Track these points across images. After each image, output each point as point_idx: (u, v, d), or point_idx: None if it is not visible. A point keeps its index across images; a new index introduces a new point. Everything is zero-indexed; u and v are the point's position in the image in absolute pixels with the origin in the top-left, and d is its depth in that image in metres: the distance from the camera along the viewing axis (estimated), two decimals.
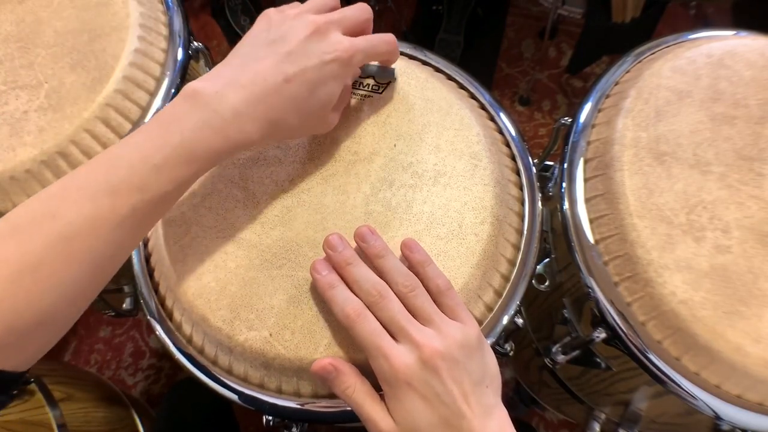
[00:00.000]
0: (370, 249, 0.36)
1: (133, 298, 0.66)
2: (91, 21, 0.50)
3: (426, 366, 0.32)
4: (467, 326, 0.34)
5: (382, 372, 0.33)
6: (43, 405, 0.61)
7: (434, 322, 0.33)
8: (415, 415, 0.32)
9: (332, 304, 0.34)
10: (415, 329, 0.33)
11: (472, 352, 0.33)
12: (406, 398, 0.32)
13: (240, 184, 0.42)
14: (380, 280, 0.34)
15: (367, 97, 0.46)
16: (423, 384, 0.32)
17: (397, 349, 0.32)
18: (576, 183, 0.44)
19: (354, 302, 0.34)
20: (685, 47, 0.47)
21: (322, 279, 0.35)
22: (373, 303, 0.33)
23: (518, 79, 1.14)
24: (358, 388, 0.34)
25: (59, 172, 0.46)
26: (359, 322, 0.33)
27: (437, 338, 0.32)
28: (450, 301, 0.35)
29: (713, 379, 0.38)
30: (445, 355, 0.32)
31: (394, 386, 0.32)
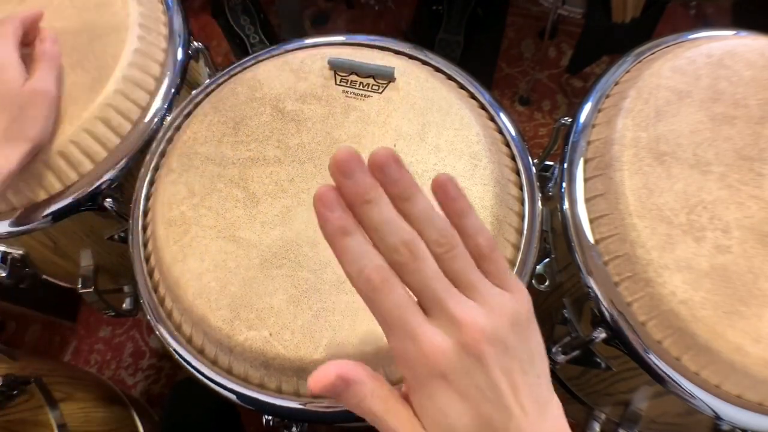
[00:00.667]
0: (393, 186, 0.25)
1: (133, 298, 0.66)
2: (91, 21, 0.50)
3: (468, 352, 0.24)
4: (517, 297, 0.26)
5: (408, 358, 0.24)
6: (43, 405, 0.61)
7: (479, 291, 0.25)
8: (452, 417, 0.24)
9: (345, 259, 0.24)
10: (456, 301, 0.24)
11: (524, 332, 0.25)
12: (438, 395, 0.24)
13: (240, 184, 0.42)
14: (413, 231, 0.24)
15: (367, 96, 0.46)
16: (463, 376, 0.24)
17: (430, 330, 0.24)
18: (576, 183, 0.44)
19: (377, 261, 0.24)
20: (685, 47, 0.47)
21: (332, 220, 0.24)
22: (401, 264, 0.24)
23: (518, 79, 1.14)
24: (377, 393, 0.25)
25: (60, 172, 0.46)
26: (384, 292, 0.24)
27: (483, 314, 0.24)
28: (495, 266, 0.26)
29: (713, 379, 0.38)
30: (493, 337, 0.24)
31: (424, 379, 0.24)
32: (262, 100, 0.46)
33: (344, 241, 0.24)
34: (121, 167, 0.48)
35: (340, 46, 0.51)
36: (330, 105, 0.45)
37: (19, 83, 0.42)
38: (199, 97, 0.50)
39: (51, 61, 0.45)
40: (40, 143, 0.43)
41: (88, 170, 0.47)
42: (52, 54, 0.45)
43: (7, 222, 0.47)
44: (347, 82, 0.46)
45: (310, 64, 0.48)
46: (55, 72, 0.45)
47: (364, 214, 0.24)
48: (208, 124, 0.46)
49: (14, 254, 0.55)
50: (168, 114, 0.50)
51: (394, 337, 0.25)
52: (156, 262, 0.41)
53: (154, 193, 0.44)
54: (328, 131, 0.44)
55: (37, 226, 0.47)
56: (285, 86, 0.47)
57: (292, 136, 0.44)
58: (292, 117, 0.45)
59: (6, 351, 0.66)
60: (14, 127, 0.41)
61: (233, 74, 0.50)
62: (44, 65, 0.44)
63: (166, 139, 0.48)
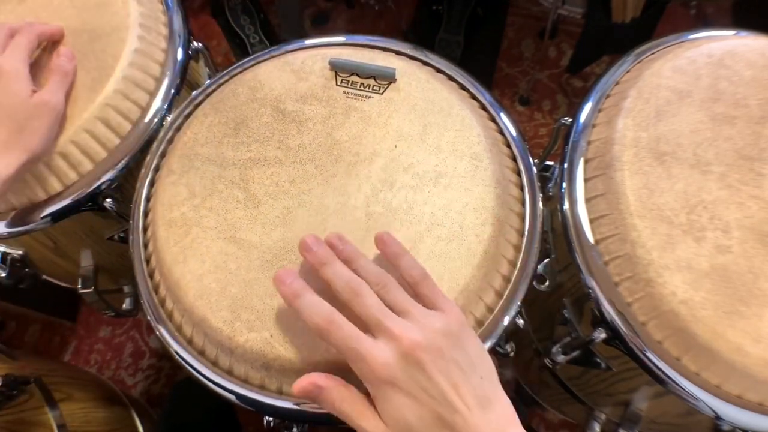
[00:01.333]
0: (341, 253, 0.35)
1: (133, 298, 0.66)
2: (90, 21, 0.50)
3: (407, 360, 0.30)
4: (448, 314, 0.33)
5: (363, 375, 0.31)
6: (43, 405, 0.61)
7: (411, 313, 0.32)
8: (405, 414, 0.30)
9: (302, 314, 0.32)
10: (392, 321, 0.31)
11: (456, 341, 0.31)
12: (392, 398, 0.30)
13: (241, 185, 0.42)
14: (356, 277, 0.33)
15: (368, 97, 0.46)
16: (407, 380, 0.30)
17: (375, 348, 0.30)
18: (576, 183, 0.44)
19: (322, 309, 0.32)
20: (685, 47, 0.47)
21: (286, 289, 0.33)
22: (348, 300, 0.32)
23: (518, 79, 1.14)
24: (345, 398, 0.32)
25: (60, 172, 0.46)
26: (332, 330, 0.31)
27: (416, 329, 0.31)
28: (427, 291, 0.34)
29: (713, 379, 0.38)
30: (426, 346, 0.30)
31: (378, 387, 0.31)
32: (263, 100, 0.46)
33: (297, 301, 0.33)
34: (121, 167, 0.48)
35: (341, 46, 0.51)
36: (331, 106, 0.45)
37: (26, 94, 0.43)
38: (200, 98, 0.49)
39: (64, 76, 0.46)
40: (40, 154, 0.44)
41: (88, 170, 0.47)
42: (67, 70, 0.46)
43: (7, 222, 0.47)
44: (348, 83, 0.46)
45: (311, 64, 0.48)
46: (65, 88, 0.46)
47: (323, 272, 0.34)
48: (209, 124, 0.45)
49: (14, 254, 0.55)
50: (168, 114, 0.50)
51: (350, 362, 0.31)
52: (157, 264, 0.41)
53: (155, 194, 0.44)
54: (329, 132, 0.44)
55: (36, 226, 0.47)
56: (286, 87, 0.47)
57: (292, 137, 0.44)
58: (293, 118, 0.45)
59: (6, 351, 0.66)
60: (16, 136, 0.42)
61: (233, 75, 0.50)
62: (57, 79, 0.45)
63: (167, 140, 0.48)
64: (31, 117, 0.42)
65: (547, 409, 0.80)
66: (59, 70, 0.46)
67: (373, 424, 0.31)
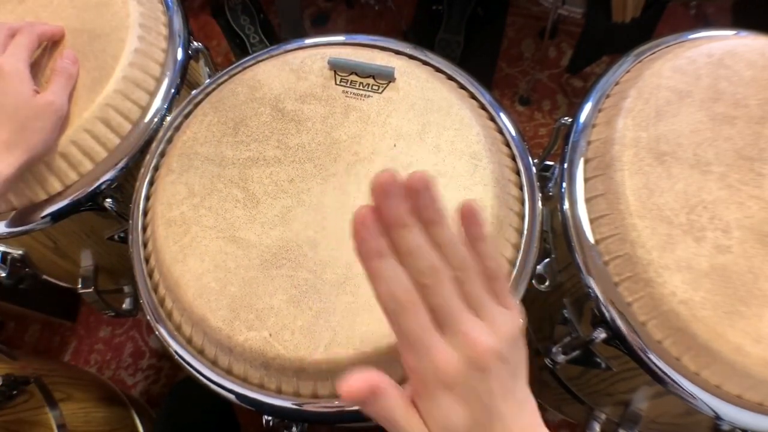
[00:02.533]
0: (425, 210, 0.27)
1: (133, 298, 0.66)
2: (90, 21, 0.50)
3: (475, 366, 0.27)
4: (515, 314, 0.29)
5: (420, 372, 0.27)
6: (43, 405, 0.61)
7: (487, 311, 0.28)
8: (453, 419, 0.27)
9: (376, 278, 0.27)
10: (469, 322, 0.27)
11: (518, 344, 0.29)
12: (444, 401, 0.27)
13: (240, 185, 0.42)
14: (438, 255, 0.27)
15: (367, 96, 0.46)
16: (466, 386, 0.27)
17: (443, 346, 0.27)
18: (576, 183, 0.44)
19: (406, 284, 0.27)
20: (685, 47, 0.47)
21: (370, 241, 0.26)
22: (426, 285, 0.27)
23: (518, 79, 1.14)
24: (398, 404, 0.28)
25: (60, 172, 0.46)
26: (410, 313, 0.26)
27: (490, 333, 0.27)
28: (500, 286, 0.30)
29: (713, 379, 0.38)
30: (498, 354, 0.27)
31: (433, 388, 0.27)
32: (262, 100, 0.46)
33: (378, 263, 0.26)
34: (121, 167, 0.48)
35: (340, 46, 0.51)
36: (330, 105, 0.45)
37: (29, 94, 0.43)
38: (199, 97, 0.49)
39: (69, 78, 0.46)
40: (41, 154, 0.44)
41: (88, 170, 0.47)
42: (71, 72, 0.46)
43: (7, 222, 0.47)
44: (347, 82, 0.46)
45: (310, 64, 0.48)
46: (69, 89, 0.46)
47: (400, 238, 0.27)
48: (208, 124, 0.45)
49: (14, 254, 0.55)
50: (168, 114, 0.50)
51: (411, 351, 0.27)
52: (156, 263, 0.41)
53: (154, 194, 0.44)
54: (328, 131, 0.44)
55: (36, 226, 0.47)
56: (285, 86, 0.47)
57: (292, 137, 0.44)
58: (292, 117, 0.45)
59: (6, 351, 0.66)
60: (18, 136, 0.42)
61: (233, 74, 0.50)
62: (61, 80, 0.45)
63: (166, 140, 0.48)
64: (34, 117, 0.42)
65: (547, 409, 0.80)
66: (64, 71, 0.46)
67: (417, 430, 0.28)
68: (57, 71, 0.46)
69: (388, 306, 0.27)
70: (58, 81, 0.45)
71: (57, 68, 0.46)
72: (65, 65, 0.46)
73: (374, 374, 0.27)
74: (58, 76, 0.45)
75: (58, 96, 0.44)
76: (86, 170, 0.47)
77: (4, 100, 0.42)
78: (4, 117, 0.42)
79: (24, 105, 0.42)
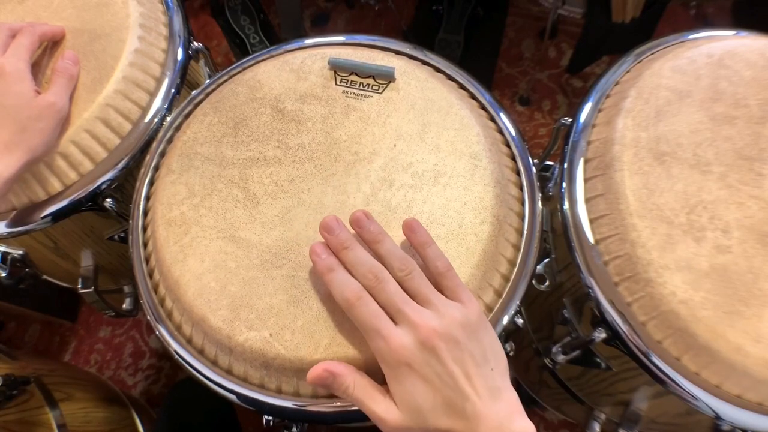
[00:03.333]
0: (365, 234, 0.36)
1: (133, 298, 0.66)
2: (91, 21, 0.50)
3: (424, 346, 0.31)
4: (467, 307, 0.34)
5: (381, 354, 0.32)
6: (43, 405, 0.61)
7: (432, 302, 0.33)
8: (417, 397, 0.31)
9: (331, 287, 0.34)
10: (412, 310, 0.32)
11: (473, 333, 0.33)
12: (406, 380, 0.32)
13: (240, 185, 0.42)
14: (377, 263, 0.34)
15: (367, 96, 0.46)
16: (423, 365, 0.31)
17: (395, 331, 0.32)
18: (576, 183, 0.44)
19: (353, 285, 0.33)
20: (685, 47, 0.47)
21: (321, 262, 0.35)
22: (370, 287, 0.33)
23: (518, 79, 1.14)
24: (357, 384, 0.33)
25: (60, 172, 0.46)
26: (358, 306, 0.33)
27: (435, 318, 0.32)
28: (450, 282, 0.35)
29: (713, 379, 0.38)
30: (443, 335, 0.32)
31: (394, 368, 0.32)
32: (262, 100, 0.46)
33: (330, 274, 0.34)
34: (121, 167, 0.48)
35: (340, 46, 0.51)
36: (330, 105, 0.45)
37: (30, 95, 0.43)
38: (199, 98, 0.49)
39: (70, 79, 0.46)
40: (41, 155, 0.44)
41: (88, 170, 0.47)
42: (72, 73, 0.46)
43: (6, 222, 0.47)
44: (347, 82, 0.46)
45: (311, 64, 0.48)
46: (70, 90, 0.46)
47: (343, 257, 0.35)
48: (208, 124, 0.45)
49: (14, 254, 0.55)
50: (168, 114, 0.50)
51: (370, 338, 0.33)
52: (156, 263, 0.41)
53: (154, 194, 0.44)
54: (328, 131, 0.44)
55: (37, 226, 0.47)
56: (285, 86, 0.47)
57: (292, 137, 0.44)
58: (292, 117, 0.45)
59: (6, 351, 0.66)
60: (19, 137, 0.42)
61: (233, 74, 0.50)
62: (62, 81, 0.45)
63: (166, 140, 0.48)
64: (35, 118, 0.42)
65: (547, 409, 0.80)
66: (65, 72, 0.46)
67: (383, 407, 0.32)
68: (58, 72, 0.45)
69: (343, 304, 0.34)
70: (59, 82, 0.45)
71: (58, 68, 0.46)
72: (66, 65, 0.46)
73: (334, 362, 0.34)
74: (59, 77, 0.45)
75: (59, 97, 0.44)
76: (86, 170, 0.47)
77: (5, 101, 0.42)
78: (6, 118, 0.42)
79: (25, 106, 0.42)
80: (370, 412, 0.33)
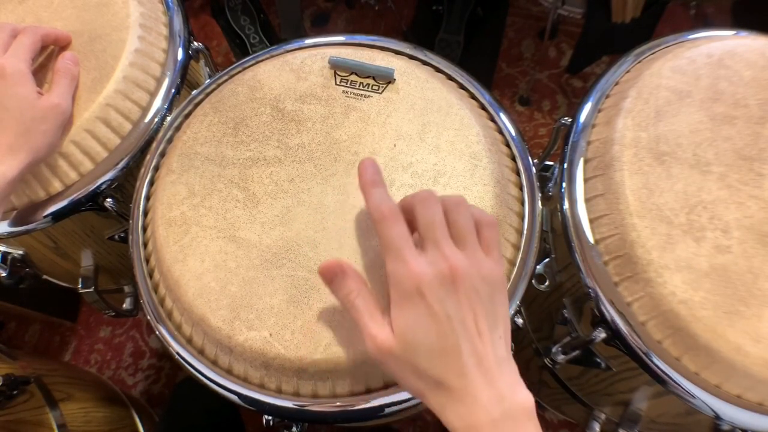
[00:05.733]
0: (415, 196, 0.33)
1: (133, 298, 0.66)
2: (91, 21, 0.50)
3: (445, 280, 0.29)
4: (497, 265, 0.32)
5: (396, 276, 0.30)
6: (43, 405, 0.61)
7: (468, 245, 0.31)
8: (419, 332, 0.29)
9: (368, 200, 0.33)
10: (447, 244, 0.30)
11: (493, 292, 0.31)
12: (414, 309, 0.29)
13: (240, 185, 0.42)
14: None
15: (367, 96, 0.46)
16: (437, 299, 0.29)
17: (419, 257, 0.30)
18: (576, 183, 0.44)
19: (391, 203, 0.32)
20: (685, 47, 0.47)
21: (367, 175, 0.33)
22: (419, 201, 0.32)
23: (518, 79, 1.14)
24: (361, 293, 0.32)
25: (60, 172, 0.46)
26: (389, 221, 0.31)
27: (464, 259, 0.30)
28: (489, 235, 0.32)
29: (713, 379, 0.38)
30: (466, 275, 0.29)
31: (405, 293, 0.30)
32: (262, 100, 0.46)
33: (372, 188, 0.33)
34: (121, 167, 0.48)
35: (340, 46, 0.51)
36: (330, 105, 0.45)
37: (33, 96, 0.42)
38: (199, 98, 0.50)
39: (72, 80, 0.46)
40: (44, 156, 0.44)
41: (88, 170, 0.47)
42: (74, 74, 0.46)
43: (7, 222, 0.47)
44: (347, 82, 0.46)
45: (311, 64, 0.48)
46: (72, 91, 0.46)
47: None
48: (208, 124, 0.46)
49: (14, 254, 0.55)
50: (168, 114, 0.50)
51: (390, 259, 0.31)
52: (156, 263, 0.41)
53: (154, 193, 0.44)
54: (328, 131, 0.44)
55: (37, 226, 0.47)
56: (285, 86, 0.47)
57: (292, 137, 0.44)
58: (292, 117, 0.45)
59: (6, 351, 0.66)
60: (23, 139, 0.41)
61: (233, 74, 0.50)
62: (64, 82, 0.45)
63: (166, 139, 0.48)
64: (39, 120, 0.42)
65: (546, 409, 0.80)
66: (66, 73, 0.45)
67: (378, 326, 0.31)
68: (59, 72, 0.45)
69: (375, 216, 0.32)
70: (61, 83, 0.45)
71: (59, 69, 0.45)
72: (67, 66, 0.46)
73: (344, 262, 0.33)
74: (61, 78, 0.45)
75: (63, 98, 0.44)
76: (87, 170, 0.47)
77: (7, 103, 0.41)
78: (8, 119, 0.41)
79: (28, 107, 0.42)
80: (362, 325, 0.31)
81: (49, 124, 0.43)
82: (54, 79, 0.45)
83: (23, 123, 0.41)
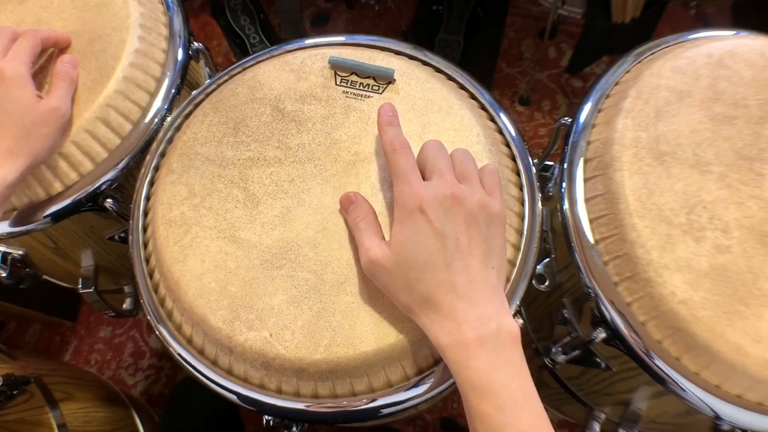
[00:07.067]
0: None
1: (133, 298, 0.66)
2: (91, 21, 0.50)
3: (445, 200, 0.32)
4: (498, 202, 0.35)
5: (401, 195, 0.34)
6: (43, 405, 0.61)
7: (471, 182, 0.35)
8: (415, 244, 0.32)
9: (383, 136, 0.37)
10: (451, 176, 0.34)
11: (490, 222, 0.34)
12: (413, 224, 0.32)
13: (240, 185, 0.42)
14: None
15: (367, 97, 0.46)
16: (436, 217, 0.32)
17: (423, 182, 0.34)
18: (576, 183, 0.44)
19: (404, 139, 0.36)
20: (685, 47, 0.47)
21: (385, 116, 0.38)
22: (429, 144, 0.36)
23: (518, 79, 1.14)
24: (368, 219, 0.36)
25: (60, 172, 0.46)
26: (400, 152, 0.35)
27: (467, 189, 0.33)
28: (491, 179, 0.36)
29: (713, 379, 0.38)
30: (467, 203, 0.32)
31: (407, 210, 0.33)
32: (263, 100, 0.46)
33: (387, 127, 0.37)
34: (121, 167, 0.48)
35: (341, 46, 0.51)
36: (330, 105, 0.45)
37: (33, 100, 0.42)
38: (199, 98, 0.50)
39: (71, 83, 0.46)
40: (44, 159, 0.44)
41: (88, 170, 0.47)
42: (73, 76, 0.46)
43: (7, 222, 0.47)
44: (347, 83, 0.46)
45: (311, 64, 0.48)
46: (71, 94, 0.46)
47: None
48: (208, 124, 0.46)
49: (14, 254, 0.55)
50: (168, 114, 0.50)
51: (397, 182, 0.35)
52: (156, 263, 0.41)
53: (154, 194, 0.44)
54: (328, 132, 0.44)
55: (37, 226, 0.47)
56: (285, 86, 0.47)
57: (292, 137, 0.44)
58: (293, 117, 0.45)
59: (6, 351, 0.66)
60: (23, 142, 0.41)
61: (233, 74, 0.50)
62: (64, 85, 0.45)
63: (167, 140, 0.48)
64: (39, 123, 0.42)
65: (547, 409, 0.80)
66: (66, 75, 0.45)
67: (375, 242, 0.34)
68: (58, 75, 0.45)
69: (388, 148, 0.36)
70: (61, 86, 0.45)
71: (58, 72, 0.45)
72: (66, 69, 0.46)
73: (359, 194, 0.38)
74: (60, 81, 0.45)
75: (63, 101, 0.44)
76: (87, 170, 0.47)
77: (7, 106, 0.41)
78: (8, 123, 0.41)
79: (29, 111, 0.42)
80: (360, 242, 0.35)
81: (48, 127, 0.42)
82: (53, 83, 0.45)
83: (23, 126, 0.41)
